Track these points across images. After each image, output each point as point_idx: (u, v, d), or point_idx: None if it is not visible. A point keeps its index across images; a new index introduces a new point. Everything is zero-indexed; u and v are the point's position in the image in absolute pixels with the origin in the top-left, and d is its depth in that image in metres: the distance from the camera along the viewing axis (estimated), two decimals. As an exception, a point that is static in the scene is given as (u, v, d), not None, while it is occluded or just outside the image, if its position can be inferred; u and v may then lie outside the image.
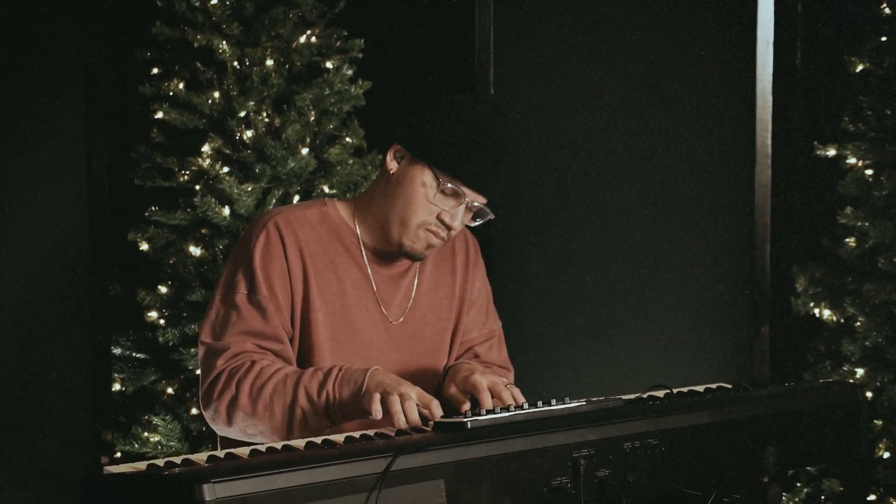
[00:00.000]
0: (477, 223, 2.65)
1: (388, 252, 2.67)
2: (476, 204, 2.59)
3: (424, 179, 2.57)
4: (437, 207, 2.58)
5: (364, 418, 2.47)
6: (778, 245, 4.80)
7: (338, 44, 4.36)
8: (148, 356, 4.30)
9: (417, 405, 2.38)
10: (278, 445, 2.15)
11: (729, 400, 2.49)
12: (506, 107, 2.63)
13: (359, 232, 2.67)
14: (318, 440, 2.20)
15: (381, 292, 2.68)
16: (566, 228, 5.01)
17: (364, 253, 2.67)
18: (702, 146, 4.89)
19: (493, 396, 2.51)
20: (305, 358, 2.62)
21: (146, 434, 4.22)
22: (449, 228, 2.59)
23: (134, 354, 4.31)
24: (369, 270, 2.67)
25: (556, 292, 5.02)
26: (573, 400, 2.32)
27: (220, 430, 2.59)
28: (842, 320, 4.28)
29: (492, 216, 2.63)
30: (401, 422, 2.35)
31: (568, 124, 5.00)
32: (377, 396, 2.39)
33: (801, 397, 2.59)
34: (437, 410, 2.38)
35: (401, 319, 2.71)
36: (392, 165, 2.62)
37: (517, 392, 2.53)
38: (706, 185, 4.89)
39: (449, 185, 2.55)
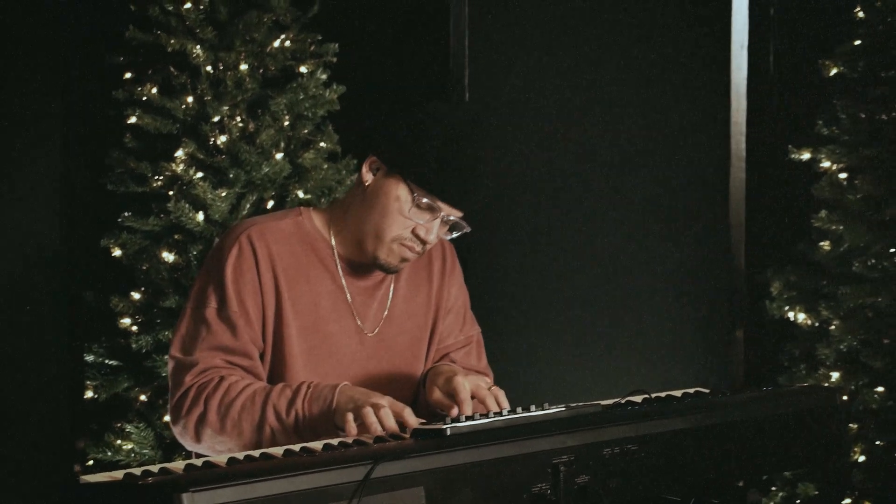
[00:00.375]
0: (453, 236, 2.64)
1: (364, 263, 2.65)
2: (452, 217, 2.58)
3: (399, 193, 2.55)
4: (411, 221, 2.55)
5: (335, 435, 2.44)
6: (752, 249, 4.83)
7: (312, 48, 4.36)
8: (121, 363, 4.28)
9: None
10: (256, 453, 2.13)
11: (707, 405, 2.49)
12: (481, 113, 2.62)
13: (334, 243, 2.65)
14: (297, 448, 2.18)
15: (356, 304, 2.66)
16: (543, 234, 5.03)
17: (339, 264, 2.65)
18: (677, 151, 4.92)
19: (476, 400, 2.50)
20: (278, 372, 2.60)
21: (119, 442, 4.19)
22: (424, 243, 2.58)
23: (107, 361, 4.29)
24: (344, 282, 2.65)
25: (535, 298, 5.04)
26: (553, 406, 2.32)
27: (189, 445, 2.58)
28: (816, 324, 4.30)
29: (468, 229, 2.61)
30: (378, 431, 2.34)
31: (543, 129, 5.03)
32: (350, 415, 2.38)
33: (779, 402, 2.59)
34: (411, 418, 2.37)
35: (376, 330, 2.69)
36: (368, 177, 2.59)
37: (501, 395, 2.52)
38: (681, 190, 4.92)
39: (424, 199, 2.53)
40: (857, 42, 4.30)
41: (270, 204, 4.23)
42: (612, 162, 4.99)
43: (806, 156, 4.35)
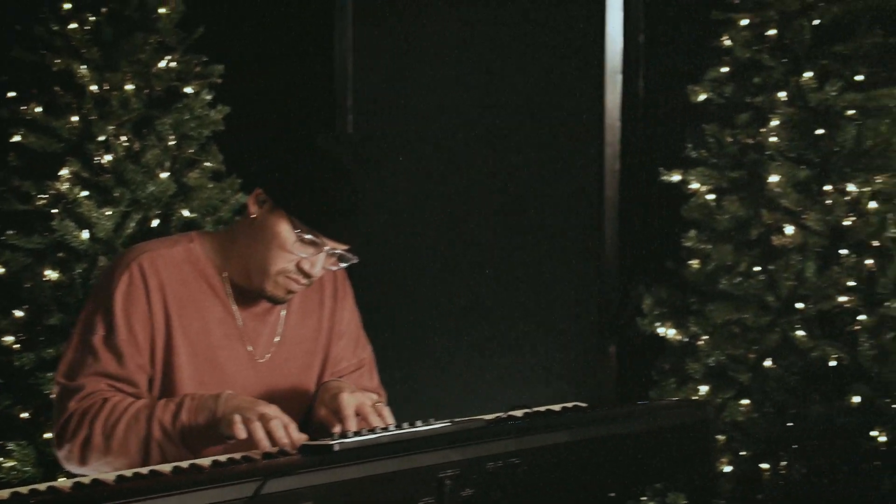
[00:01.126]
0: (340, 266, 2.63)
1: (254, 290, 2.64)
2: (337, 251, 2.58)
3: (283, 229, 2.54)
4: (295, 256, 2.55)
5: (223, 444, 2.46)
6: (626, 267, 4.93)
7: (197, 69, 4.37)
8: (2, 381, 4.23)
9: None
10: (145, 471, 2.13)
11: (586, 419, 2.55)
12: (365, 142, 2.60)
13: (224, 270, 2.64)
14: (185, 465, 2.19)
15: (248, 330, 2.65)
16: (427, 255, 5.07)
17: (229, 291, 2.64)
18: (554, 173, 5.00)
19: (360, 416, 2.52)
20: None
21: (1, 459, 4.16)
22: (309, 276, 2.58)
23: (-13, 379, 4.25)
24: (234, 308, 2.64)
25: (420, 317, 5.07)
26: (437, 421, 2.34)
27: (75, 469, 2.55)
28: (686, 339, 4.37)
29: (355, 260, 2.61)
30: (266, 447, 2.35)
31: (426, 154, 5.07)
32: (237, 418, 2.39)
33: (653, 416, 2.65)
34: (295, 433, 2.39)
35: (267, 356, 2.68)
36: (254, 209, 2.58)
37: (385, 412, 2.55)
38: (557, 210, 5.00)
39: (307, 235, 2.54)
40: (724, 69, 4.40)
41: (156, 223, 4.22)
42: (493, 185, 5.05)
43: (676, 177, 4.42)
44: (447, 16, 5.09)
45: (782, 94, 4.30)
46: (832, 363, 4.20)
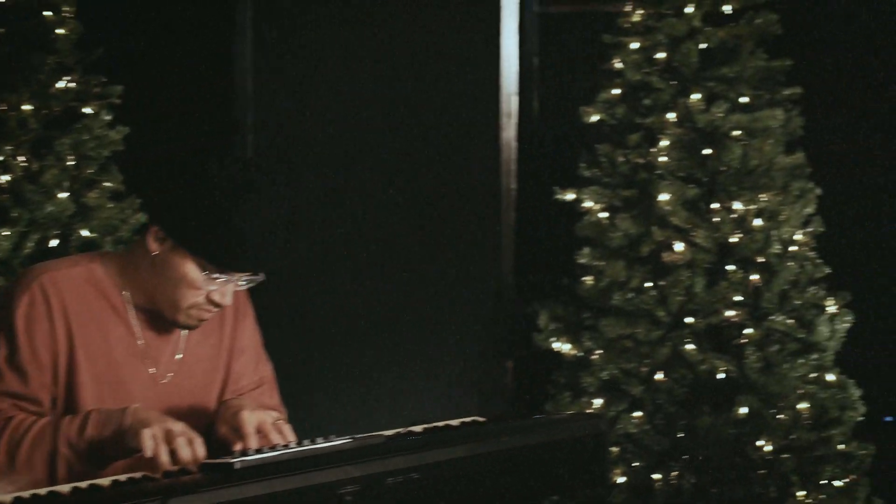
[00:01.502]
0: (248, 286, 2.62)
1: (153, 311, 2.62)
2: (245, 279, 2.58)
3: (190, 269, 2.52)
4: (204, 290, 2.54)
5: (130, 457, 2.45)
6: (522, 284, 5.01)
7: (96, 90, 4.35)
8: None
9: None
10: (43, 491, 2.12)
11: (484, 433, 2.58)
12: (260, 167, 2.54)
13: (126, 291, 2.62)
14: (84, 485, 2.17)
15: (149, 349, 2.64)
16: (326, 274, 5.08)
17: (131, 311, 2.63)
18: (451, 191, 5.05)
19: (261, 433, 2.52)
20: None
21: None
22: (220, 305, 2.57)
23: None
24: (136, 328, 2.63)
25: (321, 335, 5.07)
26: (338, 437, 2.35)
27: None
28: (580, 354, 4.44)
29: (262, 278, 2.60)
30: (168, 463, 2.36)
31: (325, 173, 5.09)
32: (146, 432, 2.38)
33: (549, 429, 2.69)
34: (200, 450, 2.40)
35: (170, 375, 2.67)
36: (155, 247, 2.55)
37: (286, 429, 2.56)
38: (455, 228, 5.05)
39: (214, 273, 2.52)
40: (616, 91, 4.49)
41: (55, 243, 4.19)
42: (392, 204, 5.08)
43: (570, 196, 4.49)
44: (346, 36, 5.13)
45: (671, 116, 4.39)
46: (720, 375, 4.30)
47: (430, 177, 5.08)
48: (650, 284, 4.39)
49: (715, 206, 4.37)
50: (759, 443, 4.25)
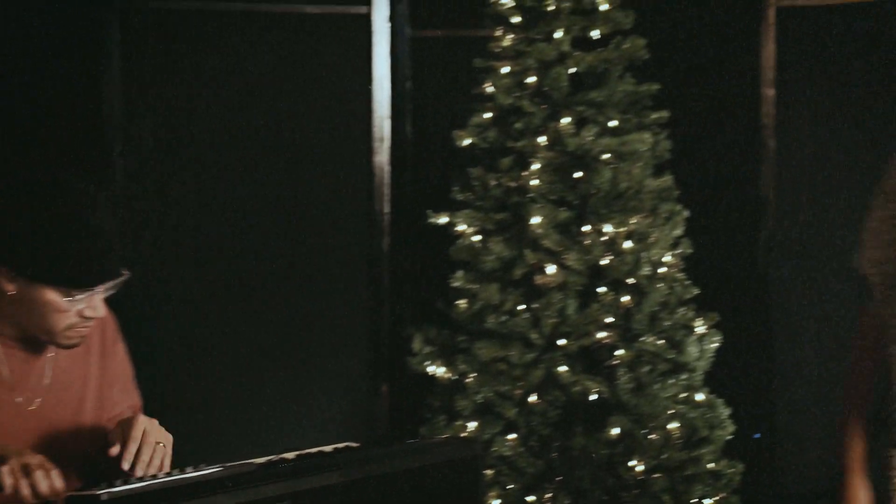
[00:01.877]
0: (117, 289, 2.57)
1: (22, 337, 2.59)
2: (109, 286, 2.54)
3: (52, 297, 2.48)
4: (74, 309, 2.51)
5: None
6: (397, 308, 5.02)
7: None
8: None
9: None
10: None
11: (358, 459, 2.55)
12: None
13: None
14: None
15: (15, 377, 2.60)
16: (200, 302, 5.05)
17: None
18: (325, 216, 5.06)
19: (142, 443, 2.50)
20: None
21: None
22: (94, 317, 2.55)
23: None
24: (1, 360, 2.59)
25: (195, 363, 5.04)
26: (209, 466, 2.33)
27: None
28: (455, 377, 4.45)
29: (127, 276, 2.55)
30: (29, 496, 2.31)
31: (196, 200, 5.06)
32: (3, 469, 2.33)
33: (424, 454, 2.68)
34: (57, 481, 2.35)
35: (38, 401, 2.63)
36: (10, 287, 2.49)
37: (161, 459, 2.53)
38: (329, 254, 5.06)
39: (76, 294, 2.49)
40: (487, 115, 4.52)
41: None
42: (265, 230, 5.07)
43: (444, 220, 4.51)
44: (218, 59, 5.10)
45: (542, 139, 4.43)
46: (593, 397, 4.35)
47: (303, 201, 5.08)
48: (523, 307, 4.43)
49: (586, 228, 4.42)
50: (631, 463, 4.31)
